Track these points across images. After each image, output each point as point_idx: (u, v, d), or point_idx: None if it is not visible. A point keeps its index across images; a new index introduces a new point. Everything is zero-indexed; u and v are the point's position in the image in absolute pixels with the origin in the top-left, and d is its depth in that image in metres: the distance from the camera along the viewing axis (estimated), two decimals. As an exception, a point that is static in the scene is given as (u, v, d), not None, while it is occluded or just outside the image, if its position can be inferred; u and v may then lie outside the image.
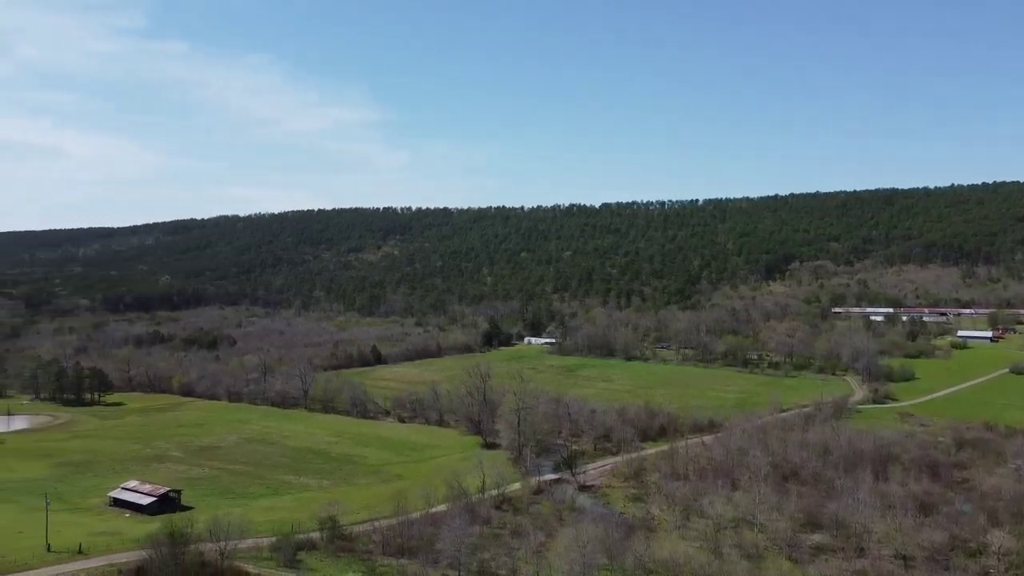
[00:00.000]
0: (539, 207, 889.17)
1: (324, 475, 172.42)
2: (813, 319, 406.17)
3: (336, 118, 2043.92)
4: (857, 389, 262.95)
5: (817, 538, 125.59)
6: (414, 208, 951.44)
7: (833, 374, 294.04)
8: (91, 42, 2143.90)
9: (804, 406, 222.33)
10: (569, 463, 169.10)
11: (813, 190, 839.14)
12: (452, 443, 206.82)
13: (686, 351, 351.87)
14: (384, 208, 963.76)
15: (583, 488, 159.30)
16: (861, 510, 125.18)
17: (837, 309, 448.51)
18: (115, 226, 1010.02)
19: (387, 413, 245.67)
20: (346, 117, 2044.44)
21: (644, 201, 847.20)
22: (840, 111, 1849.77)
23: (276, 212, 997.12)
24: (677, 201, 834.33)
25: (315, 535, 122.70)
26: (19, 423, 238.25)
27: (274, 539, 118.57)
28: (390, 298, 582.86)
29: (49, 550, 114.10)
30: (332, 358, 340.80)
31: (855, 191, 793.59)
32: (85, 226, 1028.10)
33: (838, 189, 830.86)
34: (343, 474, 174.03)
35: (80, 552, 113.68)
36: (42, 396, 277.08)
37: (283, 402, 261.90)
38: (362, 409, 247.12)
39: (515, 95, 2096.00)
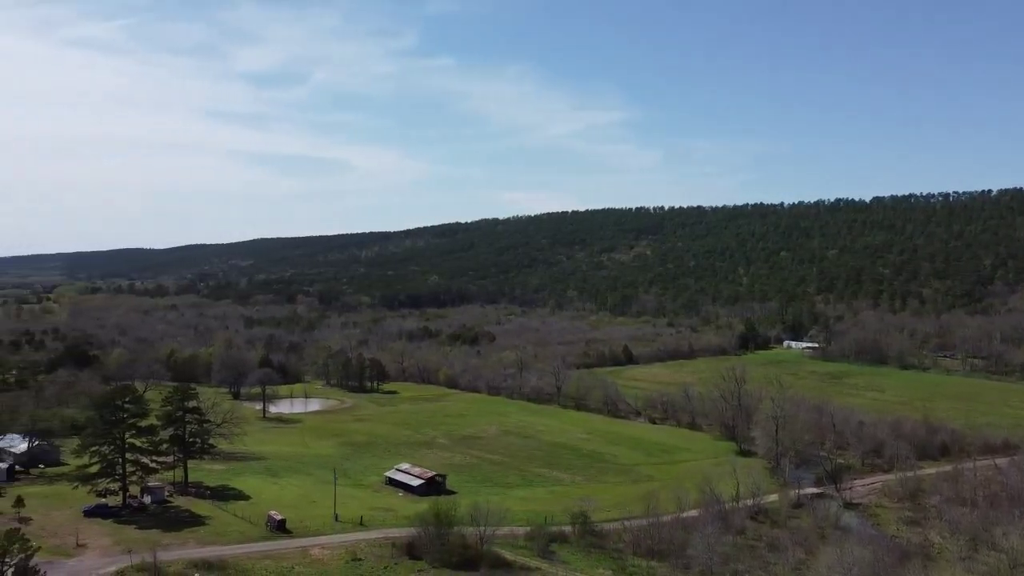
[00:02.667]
0: (800, 203, 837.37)
1: (576, 471, 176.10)
2: None
3: (589, 121, 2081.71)
4: None
5: None
6: (667, 207, 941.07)
7: None
8: (373, 65, 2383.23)
9: None
10: (833, 477, 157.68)
11: None
12: (704, 447, 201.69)
13: (974, 361, 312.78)
14: (636, 208, 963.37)
15: (848, 505, 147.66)
16: None
17: None
18: (391, 230, 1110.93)
19: (638, 413, 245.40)
20: (599, 119, 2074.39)
21: (923, 193, 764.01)
22: None
23: (533, 214, 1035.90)
24: (964, 192, 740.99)
25: (567, 529, 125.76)
26: (314, 405, 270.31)
27: (529, 529, 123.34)
28: (642, 298, 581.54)
29: (336, 520, 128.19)
30: (584, 356, 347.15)
31: None
32: (366, 230, 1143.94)
33: None
34: (594, 471, 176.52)
35: (361, 524, 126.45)
36: (331, 382, 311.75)
37: (538, 397, 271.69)
38: (613, 408, 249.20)
39: (774, 86, 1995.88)
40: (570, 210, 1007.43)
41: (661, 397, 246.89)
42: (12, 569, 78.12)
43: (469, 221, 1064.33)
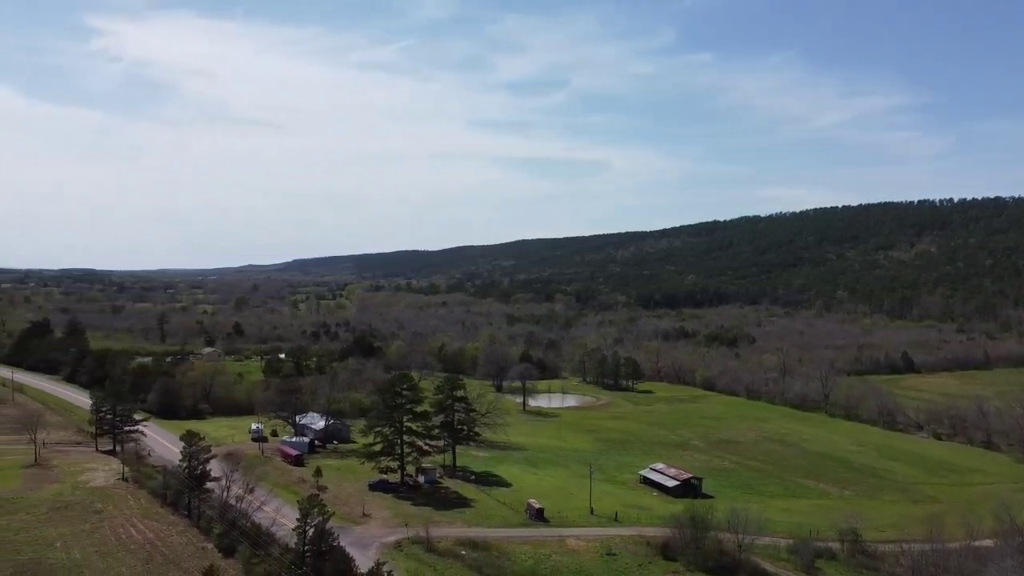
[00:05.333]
0: None
1: (844, 484, 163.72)
2: None
3: (863, 108, 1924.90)
4: None
5: None
6: (956, 199, 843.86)
7: None
8: (629, 65, 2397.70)
9: None
10: None
11: None
12: (1002, 470, 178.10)
13: None
14: (919, 201, 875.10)
15: None
16: None
17: None
18: (647, 230, 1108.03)
19: (919, 427, 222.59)
20: (875, 106, 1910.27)
21: None
22: None
23: (797, 211, 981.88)
24: None
25: (834, 545, 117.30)
26: (570, 401, 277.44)
27: (791, 541, 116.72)
28: (924, 300, 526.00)
29: (592, 513, 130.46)
30: (855, 362, 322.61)
31: None
32: (622, 231, 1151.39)
33: None
34: (866, 487, 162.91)
35: (616, 520, 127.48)
36: (587, 379, 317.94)
37: (801, 404, 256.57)
38: (889, 420, 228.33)
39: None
40: (840, 205, 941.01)
41: (948, 410, 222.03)
42: (312, 529, 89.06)
43: (728, 219, 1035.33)
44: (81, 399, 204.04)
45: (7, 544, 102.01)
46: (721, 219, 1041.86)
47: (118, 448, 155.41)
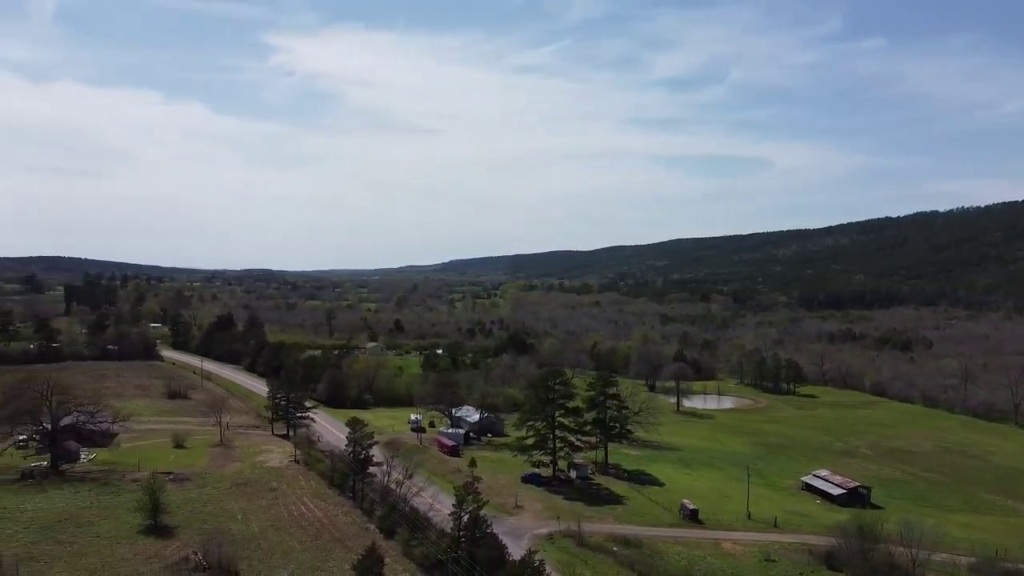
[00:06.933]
0: None
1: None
2: None
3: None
4: None
5: None
6: None
7: None
8: (792, 56, 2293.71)
9: None
10: None
11: None
12: None
13: None
14: None
15: None
16: None
17: None
18: (811, 227, 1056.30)
19: None
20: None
21: None
22: None
23: (982, 205, 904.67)
24: None
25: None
26: (727, 403, 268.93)
27: (974, 560, 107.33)
28: None
29: (749, 518, 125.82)
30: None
31: None
32: (784, 228, 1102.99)
33: None
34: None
35: (775, 525, 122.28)
36: (745, 381, 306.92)
37: (987, 413, 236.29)
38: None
39: None
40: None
41: None
42: (467, 516, 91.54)
43: (901, 215, 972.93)
44: (259, 387, 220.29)
45: (196, 514, 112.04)
46: (893, 215, 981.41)
47: (291, 433, 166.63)
